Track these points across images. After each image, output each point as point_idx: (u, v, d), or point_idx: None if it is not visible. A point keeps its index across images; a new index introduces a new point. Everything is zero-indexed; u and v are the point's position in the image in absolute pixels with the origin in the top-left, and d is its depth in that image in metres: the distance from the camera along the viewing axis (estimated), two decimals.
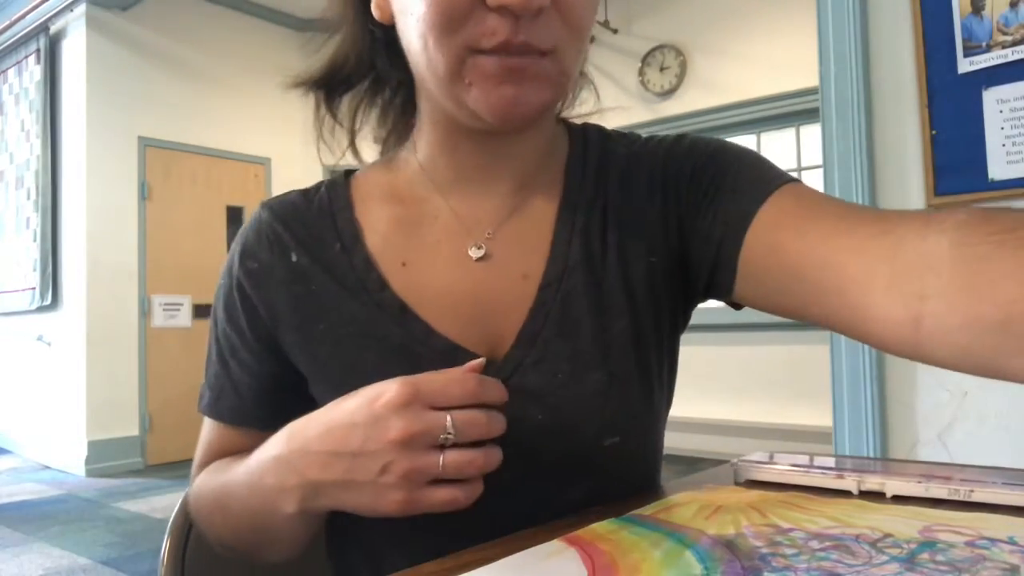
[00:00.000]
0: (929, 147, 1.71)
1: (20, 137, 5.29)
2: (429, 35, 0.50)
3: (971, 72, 1.66)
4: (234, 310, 0.61)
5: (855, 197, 1.79)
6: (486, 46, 0.49)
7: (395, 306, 0.58)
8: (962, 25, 1.67)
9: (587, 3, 0.53)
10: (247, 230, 0.63)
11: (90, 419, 4.66)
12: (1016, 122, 1.62)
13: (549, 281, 0.59)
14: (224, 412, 0.63)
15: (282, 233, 0.61)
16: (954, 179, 1.69)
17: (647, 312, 0.61)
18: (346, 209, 0.63)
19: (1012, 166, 1.62)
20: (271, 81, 5.64)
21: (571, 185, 0.63)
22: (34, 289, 5.04)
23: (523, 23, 0.49)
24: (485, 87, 0.51)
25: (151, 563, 2.91)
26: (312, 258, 0.60)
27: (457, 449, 0.47)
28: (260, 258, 0.61)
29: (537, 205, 0.62)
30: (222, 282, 0.63)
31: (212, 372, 0.63)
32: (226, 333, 0.62)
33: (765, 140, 4.80)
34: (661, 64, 5.02)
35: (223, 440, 0.63)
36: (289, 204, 0.64)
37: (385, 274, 0.60)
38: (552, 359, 0.58)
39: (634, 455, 0.61)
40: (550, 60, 0.52)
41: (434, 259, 0.60)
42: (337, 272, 0.60)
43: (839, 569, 0.41)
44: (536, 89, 0.52)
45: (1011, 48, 1.62)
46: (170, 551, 0.74)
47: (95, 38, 4.80)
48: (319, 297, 0.59)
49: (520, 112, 0.52)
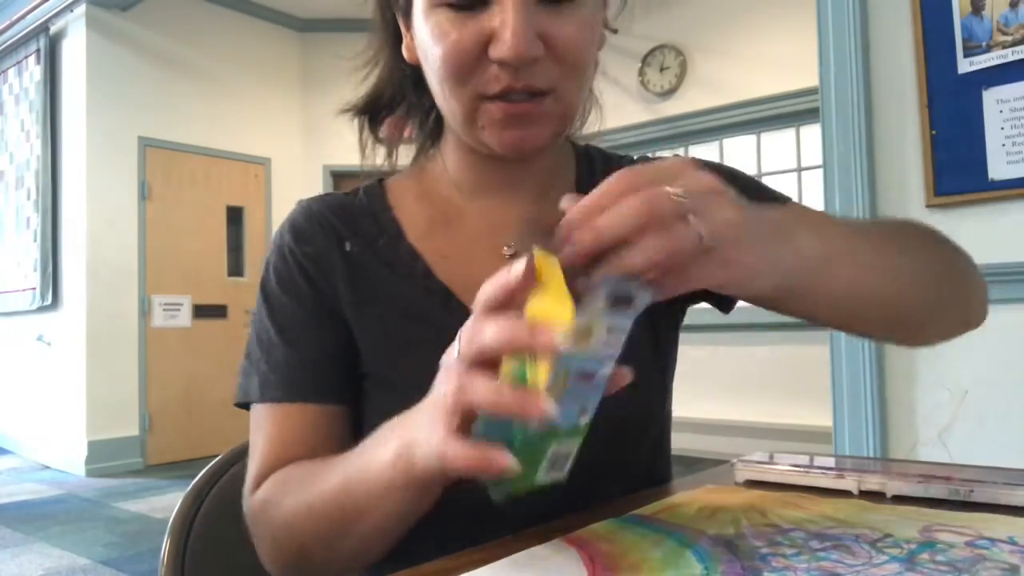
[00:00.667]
0: (929, 147, 1.71)
1: (20, 137, 5.29)
2: (444, 84, 0.58)
3: (971, 72, 1.66)
4: (298, 287, 0.64)
5: (855, 197, 1.79)
6: (491, 92, 0.57)
7: (441, 291, 0.64)
8: (962, 25, 1.67)
9: (580, 44, 0.58)
10: (297, 218, 0.67)
11: (90, 419, 4.66)
12: (1016, 122, 1.62)
13: None
14: (297, 387, 0.61)
15: (335, 223, 0.66)
16: (954, 179, 1.69)
17: (662, 305, 0.62)
18: (386, 209, 0.69)
19: (1012, 166, 1.62)
20: (271, 81, 5.65)
21: (583, 192, 0.66)
22: (34, 289, 5.04)
23: (522, 71, 0.56)
24: (495, 130, 0.59)
25: (151, 563, 2.91)
26: (364, 247, 0.66)
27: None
28: (316, 243, 0.65)
29: (557, 212, 0.65)
30: (277, 265, 0.65)
31: (276, 354, 0.62)
32: (292, 311, 0.63)
33: (765, 140, 4.79)
34: (661, 64, 5.02)
35: (297, 426, 0.60)
36: (335, 199, 0.69)
37: (430, 264, 0.65)
38: None
39: (649, 447, 0.66)
40: (551, 99, 0.58)
41: (472, 254, 0.66)
42: (387, 260, 0.65)
43: (839, 569, 0.41)
44: (540, 128, 0.59)
45: (1011, 48, 1.62)
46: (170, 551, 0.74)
47: (95, 38, 4.80)
48: (372, 283, 0.64)
49: (528, 147, 0.59)
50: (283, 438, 0.60)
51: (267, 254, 0.68)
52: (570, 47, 0.57)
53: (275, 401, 0.61)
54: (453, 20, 0.56)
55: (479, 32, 0.55)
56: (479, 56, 0.56)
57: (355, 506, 0.50)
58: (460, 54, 0.56)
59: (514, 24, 0.54)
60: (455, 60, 0.56)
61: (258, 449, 0.61)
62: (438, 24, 0.57)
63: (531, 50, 0.54)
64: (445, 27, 0.56)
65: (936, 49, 1.70)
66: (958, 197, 1.68)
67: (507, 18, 0.54)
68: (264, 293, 0.65)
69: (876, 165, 1.80)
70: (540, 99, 0.57)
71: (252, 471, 0.61)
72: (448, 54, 0.56)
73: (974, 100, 1.66)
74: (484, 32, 0.55)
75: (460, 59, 0.56)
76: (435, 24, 0.57)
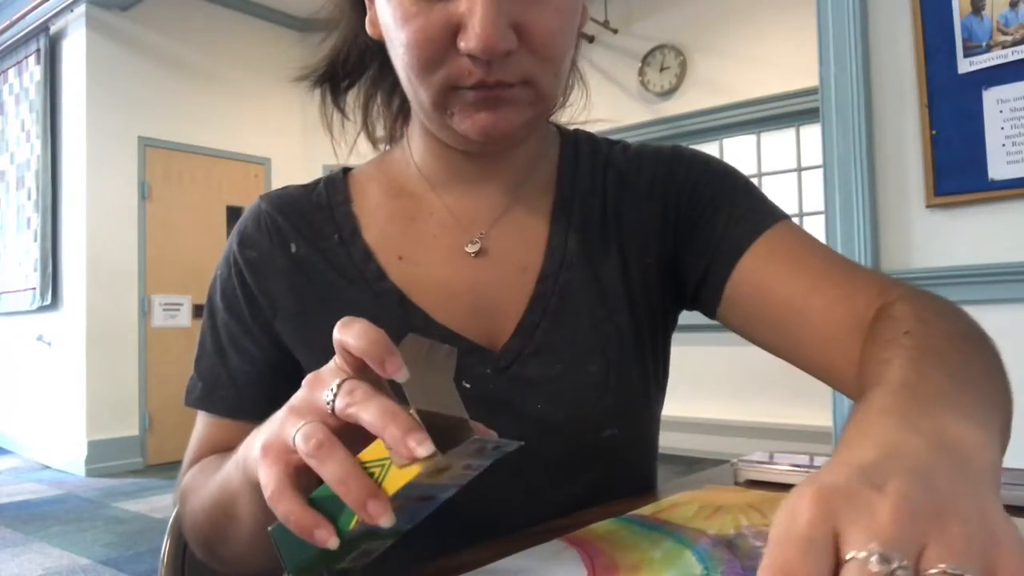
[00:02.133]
0: (929, 147, 1.71)
1: (20, 137, 5.29)
2: (411, 72, 0.53)
3: (971, 72, 1.66)
4: (234, 298, 0.62)
5: (855, 197, 1.80)
6: (464, 85, 0.52)
7: (394, 296, 0.59)
8: (962, 25, 1.67)
9: (557, 34, 0.53)
10: (245, 220, 0.64)
11: (90, 419, 4.66)
12: (1016, 122, 1.62)
13: (547, 274, 0.61)
14: (219, 403, 0.61)
15: (282, 224, 0.62)
16: (954, 179, 1.69)
17: (644, 308, 0.63)
18: (344, 203, 0.64)
19: (1012, 166, 1.62)
20: (271, 81, 5.65)
21: (565, 183, 0.65)
22: (34, 289, 5.04)
23: (494, 64, 0.51)
24: (466, 114, 0.54)
25: (151, 563, 2.91)
26: (312, 249, 0.61)
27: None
28: (260, 247, 0.62)
29: (531, 203, 0.64)
30: (220, 272, 0.63)
31: (206, 363, 0.62)
32: (225, 322, 0.62)
33: (765, 140, 4.79)
34: (661, 64, 5.02)
35: (217, 435, 0.61)
36: (288, 196, 0.65)
37: (383, 266, 0.61)
38: (551, 349, 0.59)
39: (631, 449, 0.63)
40: (526, 88, 0.54)
41: (431, 253, 0.61)
42: (336, 263, 0.61)
43: None
44: (514, 112, 0.54)
45: (1011, 48, 1.62)
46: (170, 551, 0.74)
47: (95, 38, 4.80)
48: (319, 287, 0.60)
49: (501, 133, 0.54)
50: (203, 441, 0.62)
51: None
52: (546, 38, 0.52)
53: (196, 408, 0.63)
54: (419, 2, 0.51)
55: (447, 19, 0.50)
56: (447, 45, 0.51)
57: (223, 508, 0.49)
58: (427, 43, 0.51)
59: (484, 14, 0.48)
60: (422, 49, 0.51)
61: (191, 444, 0.63)
62: (402, 5, 0.51)
63: (503, 43, 0.49)
64: (410, 9, 0.51)
65: (936, 49, 1.70)
66: (958, 197, 1.68)
67: (476, 7, 0.49)
68: (208, 303, 0.65)
69: (876, 165, 1.80)
70: (513, 88, 0.53)
71: (184, 461, 0.63)
72: (414, 42, 0.51)
73: (974, 100, 1.66)
74: (452, 19, 0.50)
75: (427, 48, 0.51)
76: (397, 7, 0.51)
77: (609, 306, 0.61)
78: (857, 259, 1.79)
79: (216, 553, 0.54)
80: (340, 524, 0.37)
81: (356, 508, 0.35)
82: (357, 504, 0.35)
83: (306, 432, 0.37)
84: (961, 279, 1.68)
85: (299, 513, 0.37)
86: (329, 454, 0.36)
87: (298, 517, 0.37)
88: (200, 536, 0.54)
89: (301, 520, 0.36)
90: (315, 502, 0.38)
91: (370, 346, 0.37)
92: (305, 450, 0.37)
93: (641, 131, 5.04)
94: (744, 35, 4.71)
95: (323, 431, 0.37)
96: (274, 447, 0.39)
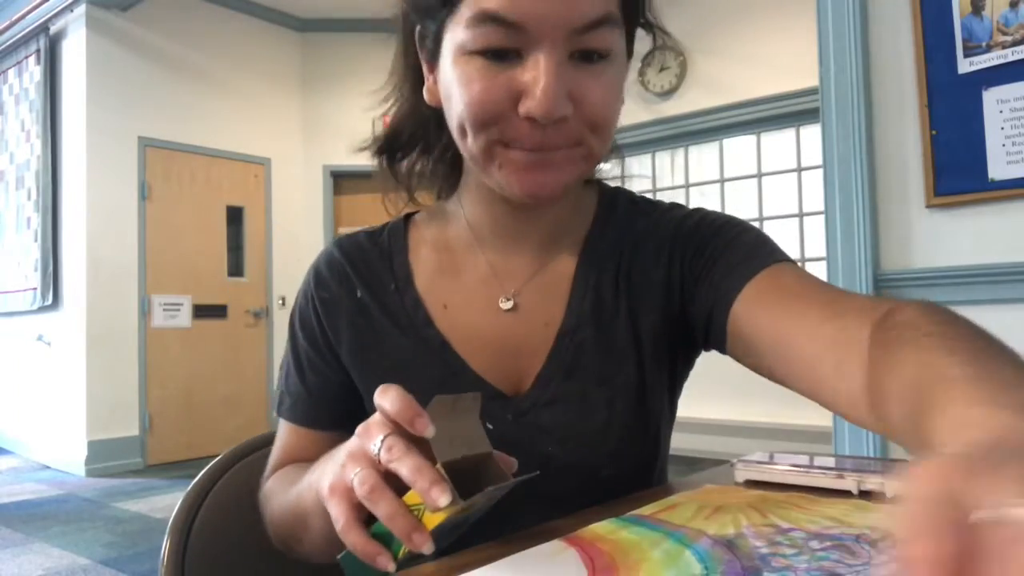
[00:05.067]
0: (929, 147, 1.71)
1: (20, 137, 5.29)
2: (468, 125, 0.58)
3: (971, 72, 1.66)
4: (310, 329, 0.72)
5: (855, 197, 1.80)
6: (518, 146, 0.58)
7: (437, 342, 0.68)
8: (962, 25, 1.67)
9: (608, 104, 0.59)
10: (321, 262, 0.74)
11: (90, 419, 4.66)
12: (1016, 122, 1.62)
13: (565, 330, 0.68)
14: (300, 415, 0.71)
15: (350, 272, 0.72)
16: (954, 179, 1.69)
17: (652, 363, 0.68)
18: (402, 253, 0.73)
19: (1012, 166, 1.62)
20: (271, 81, 5.65)
21: (591, 247, 0.71)
22: (35, 289, 5.04)
23: (549, 128, 0.56)
24: (515, 172, 0.59)
25: (151, 563, 2.91)
26: (372, 295, 0.71)
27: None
28: (331, 289, 0.72)
29: (561, 262, 0.71)
30: (299, 303, 0.74)
31: (292, 381, 0.72)
32: (304, 348, 0.72)
33: (765, 140, 4.79)
34: (661, 64, 5.01)
35: (299, 442, 0.71)
36: (357, 245, 0.74)
37: (430, 312, 0.69)
38: (563, 400, 0.66)
39: (630, 484, 0.67)
40: (574, 149, 0.59)
41: (471, 305, 0.69)
42: (391, 309, 0.70)
43: (839, 569, 0.41)
44: (562, 173, 0.60)
45: (1011, 48, 1.62)
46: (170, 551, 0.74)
47: (95, 38, 4.80)
48: (375, 331, 0.70)
49: (547, 193, 0.60)
50: (288, 448, 0.71)
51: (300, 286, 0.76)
52: (598, 107, 0.58)
53: (286, 419, 0.72)
54: (484, 69, 0.56)
55: (510, 85, 0.56)
56: (508, 107, 0.56)
57: (299, 518, 0.58)
58: (489, 104, 0.56)
59: (546, 82, 0.54)
60: (483, 108, 0.57)
61: (275, 449, 0.73)
62: (468, 72, 0.57)
63: (561, 109, 0.55)
64: (475, 75, 0.56)
65: (936, 49, 1.70)
66: (958, 197, 1.68)
67: (540, 75, 0.54)
68: (291, 327, 0.74)
69: (876, 165, 1.80)
70: (561, 149, 0.58)
71: (268, 465, 0.72)
72: (476, 102, 0.56)
73: (974, 100, 1.66)
74: (515, 85, 0.56)
75: (488, 108, 0.56)
76: (465, 71, 0.57)
77: (617, 363, 0.67)
78: (857, 259, 1.79)
79: (291, 548, 0.64)
80: (393, 550, 0.46)
81: (403, 540, 0.44)
82: (404, 537, 0.44)
83: (361, 478, 0.46)
84: (961, 279, 1.68)
85: (364, 544, 0.46)
86: (380, 497, 0.45)
87: (364, 547, 0.46)
88: (280, 535, 0.64)
89: (366, 549, 0.46)
90: (375, 535, 0.47)
91: (402, 411, 0.45)
92: (361, 493, 0.45)
93: (641, 131, 5.04)
94: (744, 35, 4.71)
95: (374, 477, 0.45)
96: (339, 488, 0.48)
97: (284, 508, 0.62)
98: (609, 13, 0.57)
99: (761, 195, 4.80)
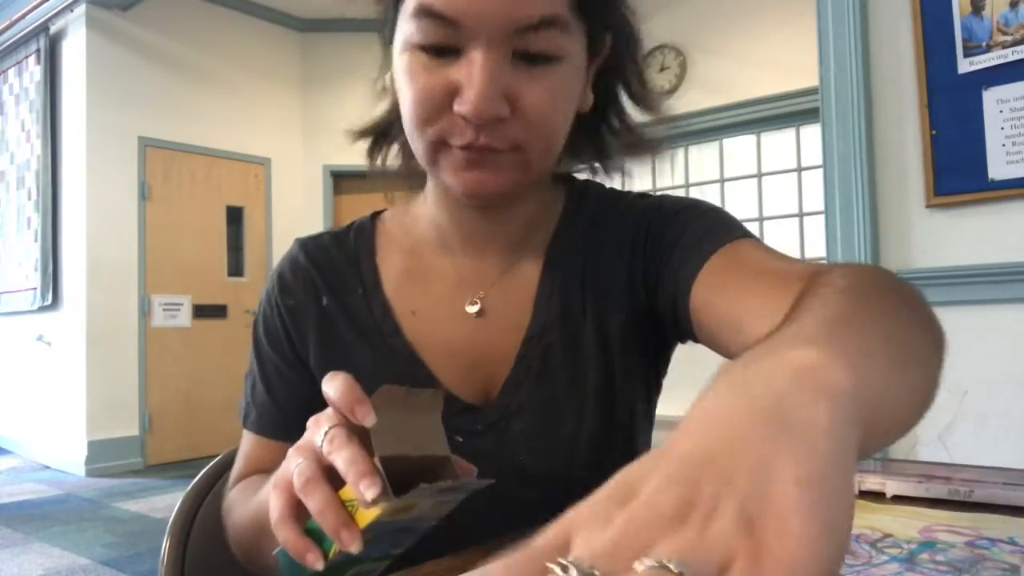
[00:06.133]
0: (929, 147, 1.71)
1: (20, 137, 5.29)
2: (412, 126, 0.58)
3: (971, 72, 1.66)
4: (277, 336, 0.69)
5: (855, 197, 1.79)
6: (454, 144, 0.57)
7: (405, 353, 0.66)
8: (962, 25, 1.67)
9: (549, 108, 0.57)
10: (284, 267, 0.71)
11: (90, 419, 4.66)
12: (1016, 122, 1.62)
13: (532, 335, 0.66)
14: (267, 427, 0.69)
15: (315, 277, 0.69)
16: (954, 179, 1.69)
17: (622, 363, 0.66)
18: (369, 256, 0.70)
19: (1012, 166, 1.62)
20: (271, 81, 5.65)
21: (555, 247, 0.69)
22: (35, 289, 5.04)
23: (485, 128, 0.55)
24: (455, 171, 0.58)
25: (151, 563, 2.91)
26: (338, 303, 0.68)
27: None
28: (296, 296, 0.69)
29: (526, 265, 0.68)
30: (263, 309, 0.71)
31: (258, 391, 0.70)
32: (269, 355, 0.70)
33: (765, 140, 4.79)
34: (661, 64, 5.01)
35: (265, 454, 0.68)
36: (323, 247, 0.71)
37: (398, 320, 0.67)
38: (531, 407, 0.64)
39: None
40: (514, 154, 0.57)
41: (438, 312, 0.67)
42: (358, 317, 0.68)
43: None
44: (501, 176, 0.58)
45: (1011, 48, 1.62)
46: (170, 551, 0.74)
47: (95, 38, 4.80)
48: (341, 340, 0.67)
49: (486, 192, 0.59)
50: (252, 460, 0.69)
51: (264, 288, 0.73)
52: (538, 110, 0.56)
53: (249, 430, 0.70)
54: (425, 64, 0.56)
55: (447, 82, 0.55)
56: (445, 105, 0.55)
57: (260, 527, 0.55)
58: (427, 101, 0.56)
59: (479, 82, 0.53)
60: (422, 106, 0.56)
61: (238, 461, 0.70)
62: (412, 66, 0.56)
63: (493, 110, 0.54)
64: (416, 69, 0.56)
65: (936, 49, 1.70)
66: (958, 197, 1.68)
67: (473, 74, 0.53)
68: (255, 335, 0.72)
69: (876, 165, 1.80)
70: (501, 153, 0.57)
71: (231, 477, 0.70)
72: (416, 99, 0.56)
73: (974, 100, 1.66)
74: (451, 83, 0.55)
75: (427, 106, 0.56)
76: (409, 65, 0.57)
77: (584, 366, 0.65)
78: (857, 259, 1.78)
79: (253, 561, 0.61)
80: (325, 548, 0.43)
81: (332, 536, 0.41)
82: (332, 533, 0.41)
83: (299, 469, 0.43)
84: (961, 279, 1.67)
85: (295, 539, 0.43)
86: (313, 489, 0.42)
87: (294, 543, 0.43)
88: (241, 547, 0.62)
89: (296, 545, 0.43)
90: (309, 531, 0.44)
91: (341, 397, 0.43)
92: (297, 485, 0.43)
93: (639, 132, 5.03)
94: (744, 35, 4.70)
95: (312, 469, 0.43)
96: (281, 481, 0.45)
97: (245, 519, 0.59)
98: (555, 15, 0.55)
99: (761, 195, 4.79)
